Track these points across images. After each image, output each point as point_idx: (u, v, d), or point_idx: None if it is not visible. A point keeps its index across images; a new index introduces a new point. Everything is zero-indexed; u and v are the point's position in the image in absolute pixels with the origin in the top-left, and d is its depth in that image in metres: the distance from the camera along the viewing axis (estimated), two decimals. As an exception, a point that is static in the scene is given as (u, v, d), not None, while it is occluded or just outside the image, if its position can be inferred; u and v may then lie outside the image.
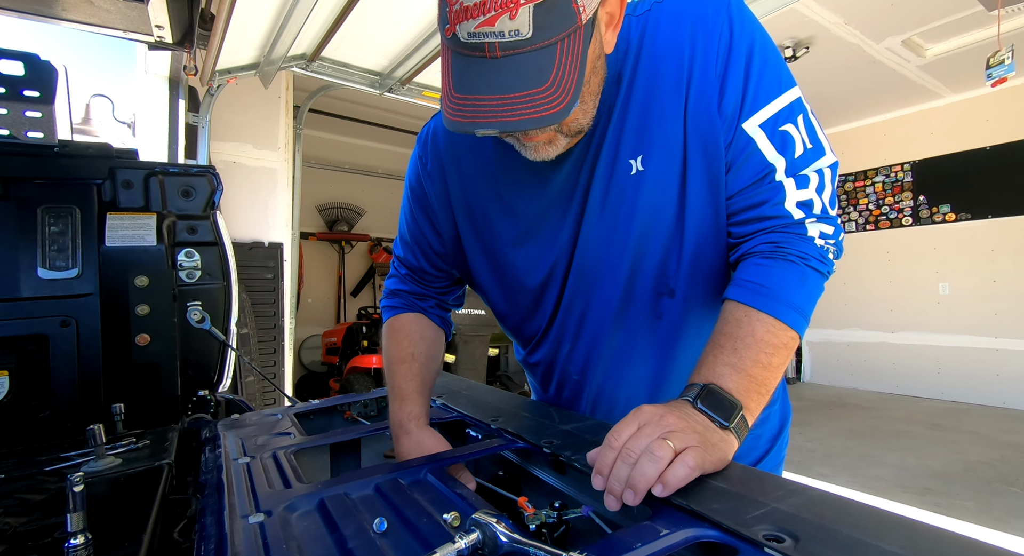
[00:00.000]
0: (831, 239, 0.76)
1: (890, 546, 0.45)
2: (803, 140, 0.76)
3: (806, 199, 0.75)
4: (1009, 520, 2.82)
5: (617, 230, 0.84)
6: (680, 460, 0.58)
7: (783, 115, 0.76)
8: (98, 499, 0.72)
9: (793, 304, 0.72)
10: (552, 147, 0.76)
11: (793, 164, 0.75)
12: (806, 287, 0.73)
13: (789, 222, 0.76)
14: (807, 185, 0.75)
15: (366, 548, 0.54)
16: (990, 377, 5.37)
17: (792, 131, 0.76)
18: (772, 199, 0.76)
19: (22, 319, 1.15)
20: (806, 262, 0.74)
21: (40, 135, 1.29)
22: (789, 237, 0.76)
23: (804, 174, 0.76)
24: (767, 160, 0.76)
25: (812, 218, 0.76)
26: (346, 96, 5.42)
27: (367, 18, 2.82)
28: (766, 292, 0.72)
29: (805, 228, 0.76)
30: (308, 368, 6.72)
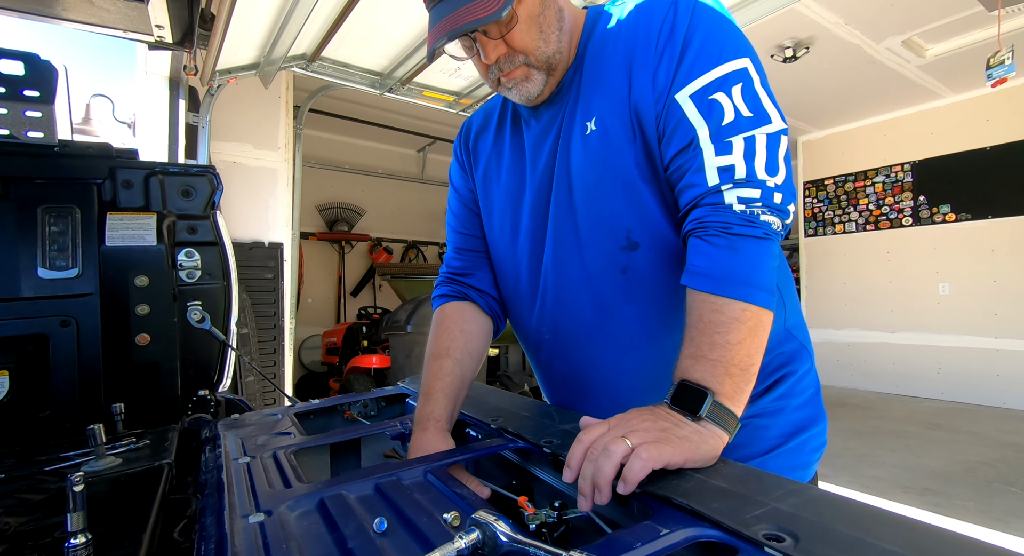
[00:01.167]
0: (755, 202, 0.75)
1: (890, 546, 0.45)
2: (735, 108, 0.77)
3: (726, 164, 0.75)
4: (1009, 520, 2.82)
5: (574, 186, 0.90)
6: (635, 455, 0.60)
7: (715, 85, 0.77)
8: (98, 499, 0.72)
9: (730, 277, 0.71)
10: (530, 84, 0.88)
11: (717, 131, 0.76)
12: (740, 256, 0.73)
13: (705, 191, 0.76)
14: (729, 151, 0.76)
15: (366, 548, 0.54)
16: (990, 377, 5.36)
17: (722, 99, 0.77)
18: (692, 165, 0.78)
19: (22, 319, 1.15)
20: (728, 232, 0.74)
21: (40, 135, 1.29)
22: (707, 210, 0.76)
23: (727, 140, 0.76)
24: (692, 127, 0.78)
25: (729, 184, 0.75)
26: (346, 96, 5.42)
27: (367, 18, 2.82)
28: (700, 271, 0.74)
29: (721, 196, 0.75)
30: (308, 368, 6.72)
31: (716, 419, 0.67)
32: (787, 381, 0.94)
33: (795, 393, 0.95)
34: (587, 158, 0.89)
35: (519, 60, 0.87)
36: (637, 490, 0.61)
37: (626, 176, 0.86)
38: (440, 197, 8.41)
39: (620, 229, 0.88)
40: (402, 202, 8.02)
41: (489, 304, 1.10)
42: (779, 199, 0.75)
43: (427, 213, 8.29)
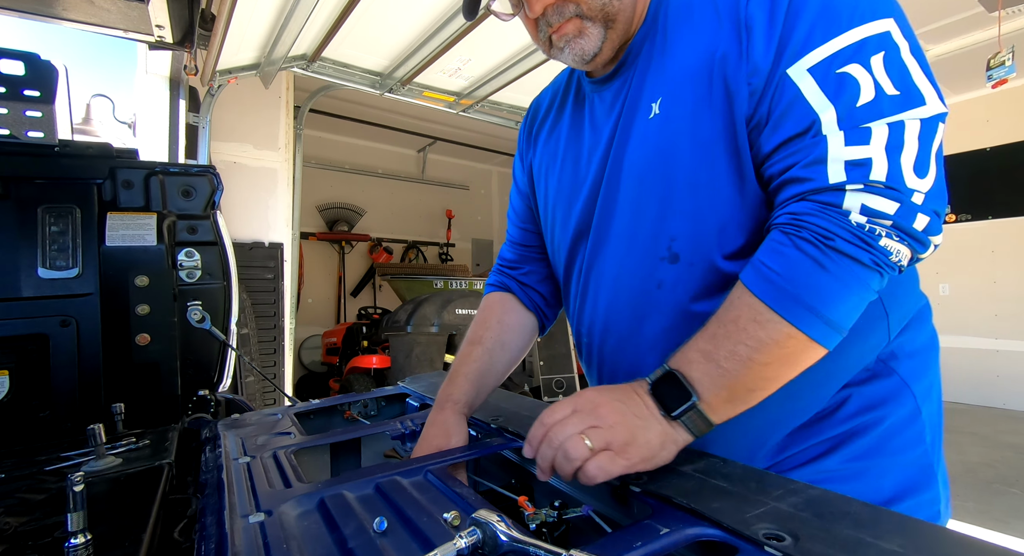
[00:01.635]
0: (884, 219, 0.57)
1: (890, 545, 0.45)
2: (876, 84, 0.59)
3: (860, 158, 0.58)
4: (1009, 521, 2.82)
5: (623, 181, 0.78)
6: (594, 461, 0.58)
7: (846, 54, 0.60)
8: (98, 499, 0.72)
9: (798, 295, 0.58)
10: (584, 39, 0.75)
11: (850, 114, 0.59)
12: (825, 277, 0.58)
13: (820, 187, 0.59)
14: (866, 140, 0.58)
15: (366, 548, 0.54)
16: (990, 378, 5.36)
17: (857, 72, 0.59)
18: (808, 157, 0.61)
19: (22, 319, 1.15)
20: (826, 243, 0.58)
21: (40, 135, 1.29)
22: (813, 208, 0.60)
23: (866, 127, 0.58)
24: (812, 109, 0.61)
25: (858, 184, 0.58)
26: (346, 96, 5.42)
27: (368, 18, 2.82)
28: (767, 275, 0.60)
29: (841, 197, 0.58)
30: (308, 368, 6.72)
31: (689, 424, 0.61)
32: (872, 432, 0.73)
33: (887, 450, 0.73)
34: (644, 148, 0.75)
35: (569, 11, 0.74)
36: (637, 490, 0.62)
37: (690, 173, 0.71)
38: (440, 197, 8.41)
39: (663, 235, 0.75)
40: (402, 202, 8.02)
41: (533, 300, 1.04)
42: (921, 223, 0.58)
43: (427, 213, 8.29)
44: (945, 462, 0.80)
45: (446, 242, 8.42)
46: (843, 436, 0.73)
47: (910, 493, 0.72)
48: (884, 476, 0.72)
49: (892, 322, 0.75)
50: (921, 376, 0.77)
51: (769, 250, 0.62)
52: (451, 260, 8.37)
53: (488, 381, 0.96)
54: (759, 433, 0.76)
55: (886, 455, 0.73)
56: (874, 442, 0.73)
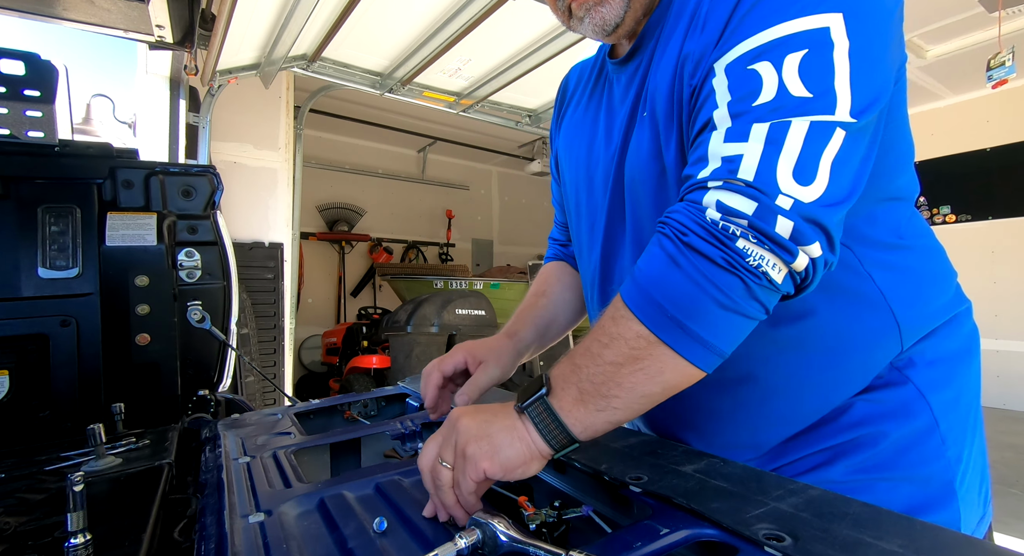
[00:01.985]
0: (739, 218, 0.53)
1: (890, 545, 0.45)
2: (781, 83, 0.54)
3: (731, 154, 0.55)
4: (1009, 521, 2.82)
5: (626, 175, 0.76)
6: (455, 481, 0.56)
7: (762, 50, 0.56)
8: (98, 499, 0.72)
9: (648, 292, 0.55)
10: (606, 7, 0.70)
11: (740, 111, 0.56)
12: (675, 274, 0.54)
13: (692, 184, 0.58)
14: (744, 138, 0.54)
15: (366, 548, 0.54)
16: (990, 378, 5.36)
17: (764, 70, 0.55)
18: (695, 153, 0.60)
19: (22, 319, 1.15)
20: (681, 238, 0.55)
21: (41, 135, 1.29)
22: (680, 204, 0.58)
23: (747, 125, 0.55)
24: (715, 103, 0.59)
25: (719, 180, 0.55)
26: (347, 96, 5.42)
27: (368, 19, 2.82)
28: (634, 273, 0.58)
29: (703, 193, 0.56)
30: (308, 368, 6.72)
31: (537, 420, 0.56)
32: (879, 443, 0.68)
33: (898, 464, 0.68)
34: (638, 145, 0.74)
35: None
36: (638, 489, 0.62)
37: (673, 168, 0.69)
38: (440, 197, 8.42)
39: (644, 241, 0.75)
40: (402, 202, 8.02)
41: None
42: (784, 228, 0.52)
43: (427, 213, 8.29)
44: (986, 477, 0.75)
45: (446, 242, 8.42)
46: (845, 445, 0.70)
47: (923, 511, 0.67)
48: (893, 491, 0.68)
49: (905, 330, 0.70)
50: (943, 386, 0.71)
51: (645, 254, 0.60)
52: (451, 260, 8.37)
53: (551, 333, 0.93)
54: (754, 433, 0.76)
55: (897, 469, 0.68)
56: (884, 455, 0.68)
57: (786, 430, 0.75)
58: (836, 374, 0.71)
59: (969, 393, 0.75)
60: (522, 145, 7.58)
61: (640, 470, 0.66)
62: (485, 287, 5.45)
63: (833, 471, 0.70)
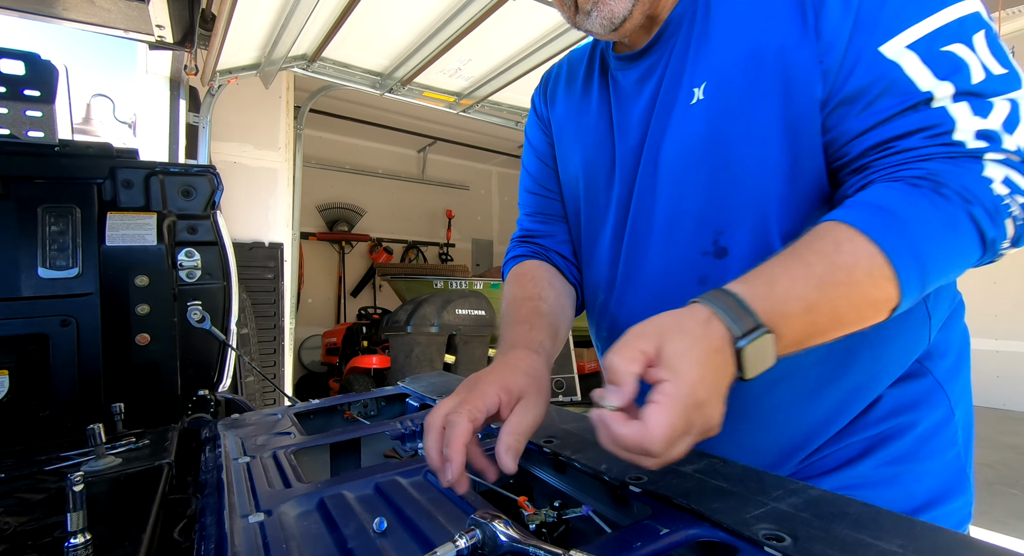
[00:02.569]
0: (1021, 195, 0.52)
1: (890, 546, 0.45)
2: (982, 64, 0.55)
3: (988, 129, 0.53)
4: (1009, 521, 2.82)
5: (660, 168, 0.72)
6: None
7: (947, 32, 0.56)
8: (98, 499, 0.72)
9: (920, 257, 0.50)
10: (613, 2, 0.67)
11: (968, 88, 0.54)
12: (949, 234, 0.51)
13: (960, 152, 0.54)
14: (987, 114, 0.54)
15: (366, 548, 0.54)
16: (990, 379, 5.36)
17: (962, 52, 0.55)
18: (930, 126, 0.55)
19: (22, 318, 1.15)
20: (968, 204, 0.51)
21: (41, 134, 1.29)
22: (950, 167, 0.53)
23: (987, 100, 0.54)
24: (918, 87, 0.56)
25: (998, 153, 0.53)
26: (347, 96, 5.42)
27: (368, 18, 2.83)
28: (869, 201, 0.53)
29: (981, 164, 0.53)
30: (308, 368, 6.72)
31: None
32: (907, 435, 0.70)
33: (920, 454, 0.70)
34: (685, 136, 0.69)
35: None
36: (638, 489, 0.62)
37: (740, 163, 0.65)
38: (440, 197, 8.42)
39: (707, 229, 0.69)
40: (402, 202, 8.02)
41: (572, 273, 0.93)
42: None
43: (427, 213, 8.30)
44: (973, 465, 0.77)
45: (446, 242, 8.43)
46: (876, 439, 0.70)
47: (944, 499, 0.69)
48: (918, 481, 0.69)
49: (933, 322, 0.71)
50: (955, 377, 0.74)
51: (897, 196, 0.52)
52: (451, 260, 8.37)
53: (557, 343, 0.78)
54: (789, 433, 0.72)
55: (920, 459, 0.69)
56: (909, 446, 0.69)
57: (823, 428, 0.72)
58: (879, 367, 0.70)
59: (969, 383, 0.77)
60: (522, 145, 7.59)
61: (640, 470, 0.66)
62: (485, 287, 5.45)
63: (863, 466, 0.69)
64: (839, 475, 0.70)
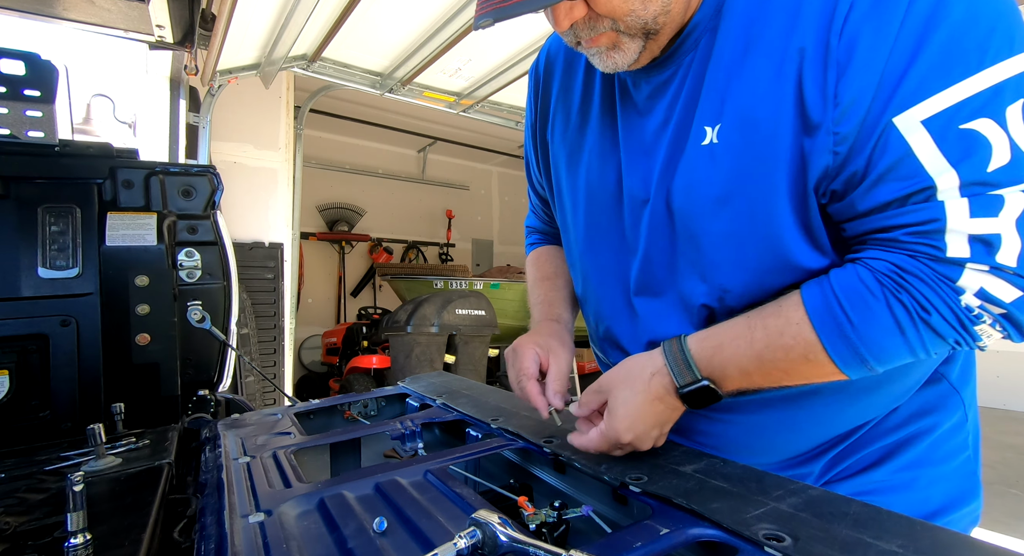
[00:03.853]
0: (997, 305, 0.50)
1: (890, 546, 0.45)
2: (1012, 143, 0.48)
3: (985, 233, 0.49)
4: (1009, 522, 2.82)
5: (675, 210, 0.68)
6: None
7: (974, 105, 0.48)
8: (98, 499, 0.72)
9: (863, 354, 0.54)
10: (619, 54, 0.64)
11: (977, 179, 0.49)
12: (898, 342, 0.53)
13: (937, 257, 0.51)
14: (995, 211, 0.48)
15: (366, 548, 0.54)
16: (990, 379, 5.36)
17: (987, 128, 0.48)
18: (919, 223, 0.52)
19: (22, 318, 1.15)
20: (921, 315, 0.51)
21: (41, 134, 1.29)
22: (925, 272, 0.51)
23: (996, 194, 0.49)
24: (925, 172, 0.50)
25: (983, 265, 0.49)
26: (347, 96, 5.42)
27: (368, 19, 2.82)
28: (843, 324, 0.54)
29: (958, 272, 0.50)
30: (308, 368, 6.72)
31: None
32: (923, 440, 0.70)
33: (935, 459, 0.70)
34: (691, 182, 0.65)
35: (604, 26, 0.61)
36: (638, 489, 0.62)
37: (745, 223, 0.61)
38: (440, 197, 8.41)
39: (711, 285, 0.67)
40: (402, 202, 8.02)
41: None
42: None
43: (427, 213, 8.29)
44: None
45: (446, 242, 8.42)
46: (894, 446, 0.71)
47: (957, 503, 0.69)
48: (932, 486, 0.69)
49: None
50: (967, 381, 0.74)
51: (854, 293, 0.54)
52: (451, 260, 8.37)
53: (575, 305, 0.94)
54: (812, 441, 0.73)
55: (934, 464, 0.70)
56: (924, 451, 0.70)
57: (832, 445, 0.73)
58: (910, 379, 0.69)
59: (975, 386, 0.77)
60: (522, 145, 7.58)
61: (640, 470, 0.66)
62: (485, 287, 5.44)
63: (879, 472, 0.70)
64: (856, 481, 0.71)
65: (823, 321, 0.55)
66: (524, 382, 0.78)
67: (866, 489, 0.70)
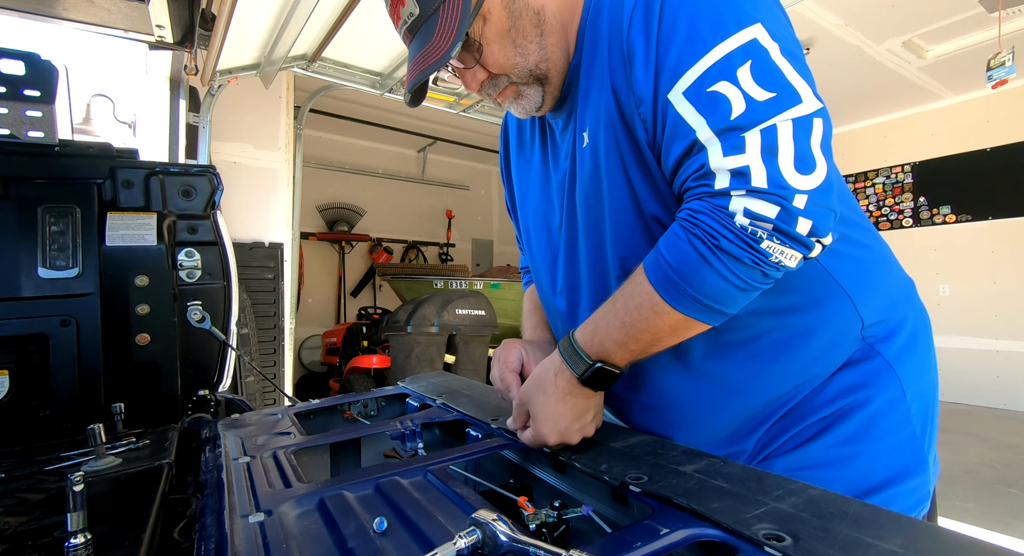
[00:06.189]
0: (765, 222, 0.60)
1: (890, 545, 0.45)
2: (745, 95, 0.61)
3: (737, 166, 0.60)
4: (1009, 521, 2.82)
5: (577, 208, 0.83)
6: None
7: (712, 73, 0.62)
8: (98, 499, 0.72)
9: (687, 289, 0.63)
10: (525, 100, 0.80)
11: (724, 126, 0.62)
12: (709, 273, 0.62)
13: (710, 191, 0.63)
14: (741, 149, 0.60)
15: (366, 548, 0.54)
16: (990, 378, 5.36)
17: (725, 89, 0.61)
18: (695, 169, 0.64)
19: (22, 318, 1.15)
20: (712, 242, 0.62)
21: (41, 135, 1.29)
22: (705, 207, 0.63)
23: (739, 136, 0.61)
24: (691, 129, 0.64)
25: (740, 190, 0.60)
26: (347, 96, 5.42)
27: (368, 19, 2.82)
28: (664, 267, 0.65)
29: (727, 200, 0.61)
30: (308, 368, 6.72)
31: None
32: (857, 415, 0.74)
33: (873, 435, 0.74)
34: (582, 176, 0.80)
35: (503, 81, 0.79)
36: (638, 489, 0.62)
37: (615, 197, 0.76)
38: (440, 197, 8.42)
39: (614, 257, 0.79)
40: (402, 202, 8.02)
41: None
42: (804, 227, 0.60)
43: (427, 213, 8.29)
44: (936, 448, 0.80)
45: (446, 242, 8.42)
46: (828, 420, 0.75)
47: (900, 479, 0.73)
48: (874, 462, 0.73)
49: (859, 303, 0.77)
50: (907, 357, 0.78)
51: (668, 241, 0.66)
52: (451, 260, 8.37)
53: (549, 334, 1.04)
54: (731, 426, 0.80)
55: (873, 440, 0.74)
56: (859, 426, 0.74)
57: (761, 420, 0.79)
58: (804, 359, 0.76)
59: (928, 365, 0.82)
60: (522, 145, 7.58)
61: (640, 470, 0.66)
62: (485, 287, 5.44)
63: (814, 447, 0.74)
64: (794, 455, 0.75)
65: (653, 272, 0.66)
66: (506, 373, 0.88)
67: (804, 464, 0.74)
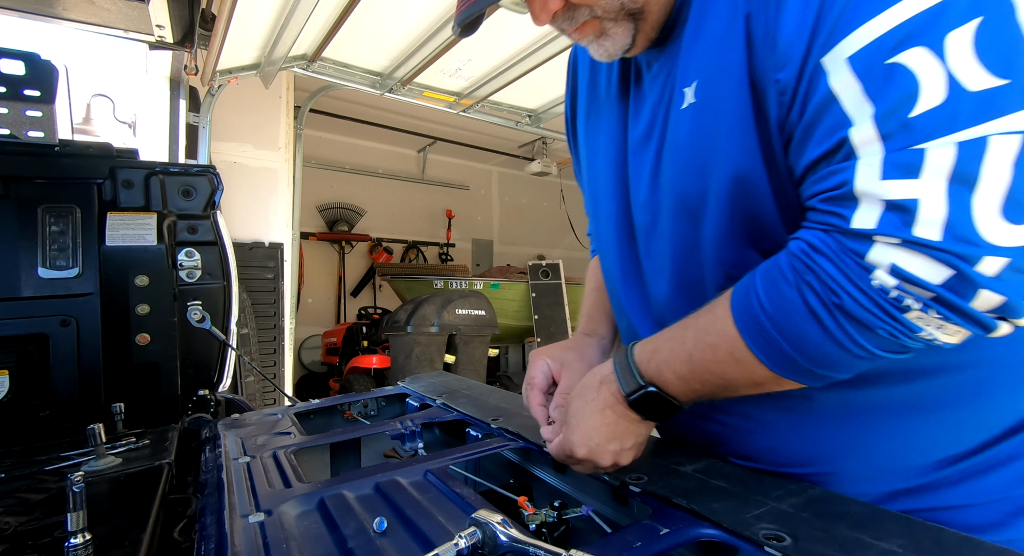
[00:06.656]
0: (922, 287, 0.41)
1: (890, 546, 0.45)
2: (950, 77, 0.38)
3: (899, 197, 0.40)
4: (1009, 521, 2.82)
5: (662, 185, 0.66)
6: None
7: (901, 33, 0.40)
8: (98, 498, 0.72)
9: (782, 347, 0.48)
10: (610, 40, 0.62)
11: (896, 126, 0.40)
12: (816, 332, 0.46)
13: (843, 228, 0.44)
14: (914, 170, 0.39)
15: (366, 548, 0.54)
16: (990, 378, 5.35)
17: (918, 61, 0.39)
18: (830, 188, 0.45)
19: (22, 318, 1.15)
20: (831, 299, 0.44)
21: (41, 134, 1.29)
22: (831, 246, 0.44)
23: (918, 148, 0.39)
24: (845, 115, 0.43)
25: (893, 237, 0.41)
26: (347, 96, 5.42)
27: (368, 18, 2.82)
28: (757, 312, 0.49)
29: (866, 247, 0.42)
30: (308, 368, 6.72)
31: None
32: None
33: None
34: (676, 144, 0.62)
35: (583, 15, 0.60)
36: (638, 489, 0.62)
37: (734, 180, 0.55)
38: (440, 197, 8.42)
39: (715, 264, 0.61)
40: (402, 202, 8.02)
41: None
42: (987, 302, 0.40)
43: (427, 213, 8.29)
44: None
45: (446, 242, 8.42)
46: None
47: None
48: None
49: None
50: None
51: (768, 277, 0.49)
52: (451, 260, 8.36)
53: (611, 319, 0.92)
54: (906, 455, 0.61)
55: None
56: None
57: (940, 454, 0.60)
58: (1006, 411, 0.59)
59: None
60: (522, 145, 7.57)
61: (640, 470, 0.66)
62: (485, 287, 5.44)
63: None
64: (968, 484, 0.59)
65: (741, 312, 0.50)
66: (528, 391, 0.80)
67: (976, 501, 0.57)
